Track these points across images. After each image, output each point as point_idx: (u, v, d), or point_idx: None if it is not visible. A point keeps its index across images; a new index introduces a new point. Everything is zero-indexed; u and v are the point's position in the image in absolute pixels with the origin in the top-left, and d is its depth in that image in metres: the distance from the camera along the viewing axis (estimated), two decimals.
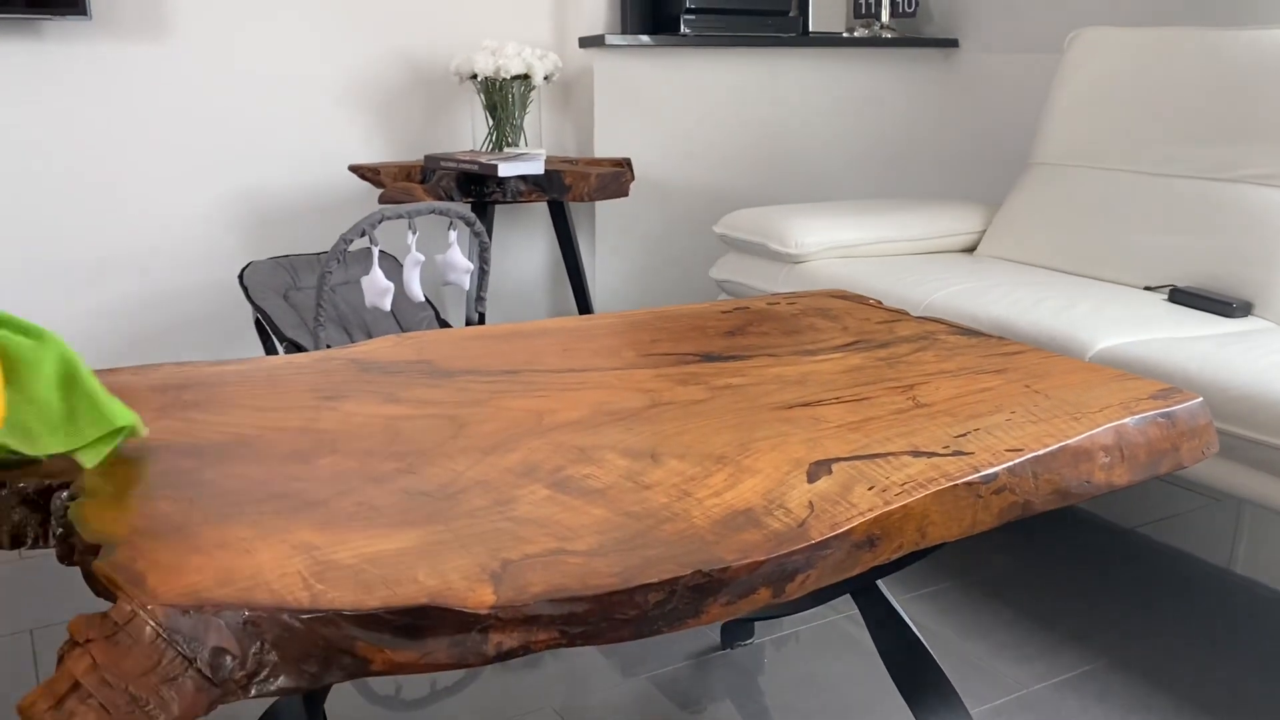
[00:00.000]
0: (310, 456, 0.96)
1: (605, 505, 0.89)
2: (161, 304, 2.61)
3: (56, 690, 0.69)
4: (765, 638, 1.71)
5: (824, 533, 0.85)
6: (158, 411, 1.07)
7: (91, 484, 0.88)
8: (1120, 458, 1.10)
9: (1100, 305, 1.95)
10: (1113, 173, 2.35)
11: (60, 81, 2.43)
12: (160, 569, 0.75)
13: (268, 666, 0.70)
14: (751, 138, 3.14)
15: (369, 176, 2.59)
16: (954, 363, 1.31)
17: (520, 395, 1.16)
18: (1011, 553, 2.02)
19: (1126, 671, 1.62)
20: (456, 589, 0.73)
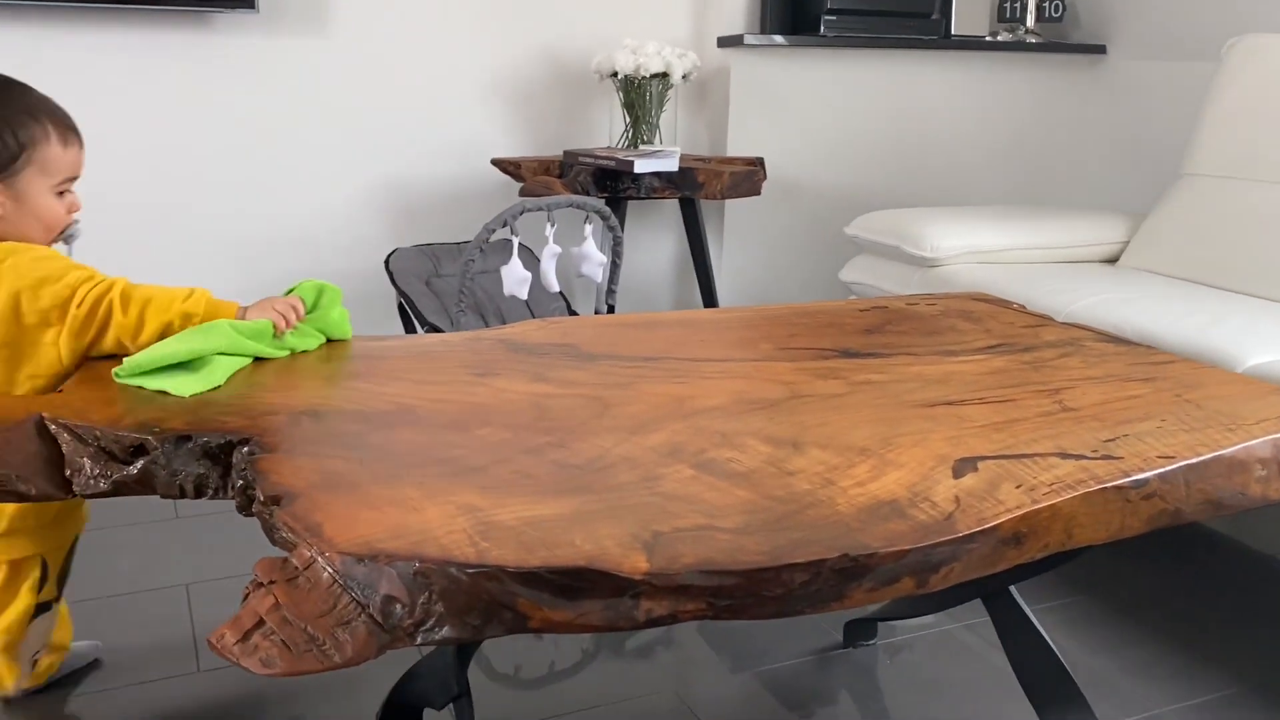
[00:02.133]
0: (468, 426, 1.01)
1: (749, 488, 0.91)
2: None
3: (243, 625, 0.74)
4: (884, 640, 1.70)
5: (970, 527, 0.85)
6: (325, 379, 1.13)
7: (269, 440, 0.94)
8: (1277, 471, 1.06)
9: (1252, 321, 1.88)
10: (1268, 185, 2.26)
11: (228, 72, 2.57)
12: (336, 520, 0.80)
13: (434, 616, 0.74)
14: (886, 141, 3.11)
15: (509, 170, 2.66)
16: (1101, 370, 1.28)
17: (661, 381, 1.19)
18: (1144, 572, 1.96)
19: (1263, 699, 1.56)
20: (612, 554, 0.76)
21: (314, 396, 1.07)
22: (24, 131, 1.25)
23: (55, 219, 1.30)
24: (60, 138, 1.28)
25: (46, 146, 1.26)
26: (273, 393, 1.08)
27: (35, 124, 1.26)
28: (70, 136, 1.29)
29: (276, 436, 0.95)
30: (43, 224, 1.29)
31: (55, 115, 1.29)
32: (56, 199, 1.29)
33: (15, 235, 1.26)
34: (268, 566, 0.77)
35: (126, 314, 1.17)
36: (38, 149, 1.26)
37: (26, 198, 1.26)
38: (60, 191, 1.30)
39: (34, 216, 1.27)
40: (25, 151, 1.25)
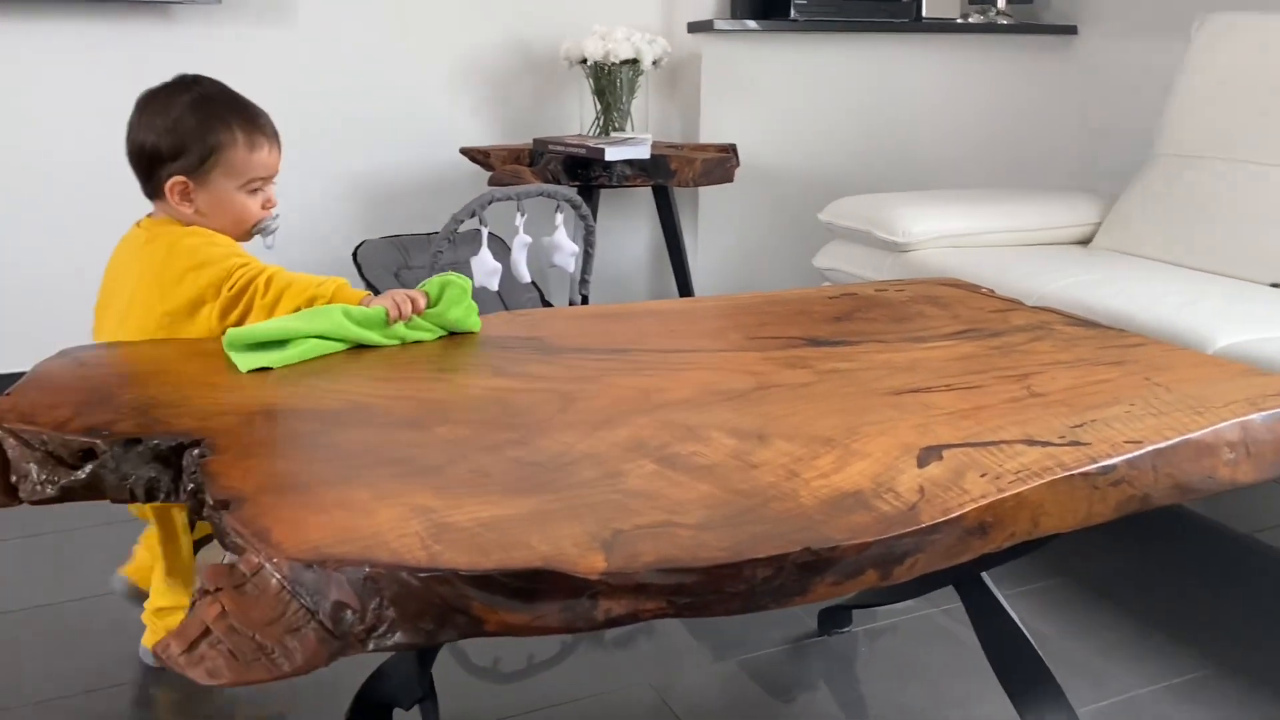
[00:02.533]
0: (425, 424, 0.99)
1: (713, 482, 0.89)
2: None
3: (189, 635, 0.72)
4: (861, 627, 1.70)
5: (935, 517, 0.84)
6: (279, 378, 1.11)
7: (220, 442, 0.92)
8: (1246, 454, 1.06)
9: (1224, 301, 1.87)
10: (1239, 164, 2.26)
11: (190, 65, 2.52)
12: (284, 525, 0.78)
13: (386, 622, 0.72)
14: (859, 125, 3.10)
15: (479, 159, 2.63)
16: (1070, 354, 1.27)
17: (628, 373, 1.17)
18: (1120, 554, 1.96)
19: (1239, 679, 1.57)
20: (569, 555, 0.75)
21: (268, 396, 1.05)
22: (213, 136, 1.35)
23: (245, 215, 1.41)
24: (247, 141, 1.38)
25: (233, 150, 1.36)
26: (225, 393, 1.05)
27: (224, 129, 1.36)
28: (258, 139, 1.39)
29: (227, 438, 0.93)
30: (233, 219, 1.40)
31: (244, 117, 1.39)
32: (247, 197, 1.40)
33: (209, 228, 1.38)
34: (214, 573, 0.75)
35: (265, 297, 1.30)
36: (225, 152, 1.36)
37: (217, 196, 1.37)
38: (252, 190, 1.40)
39: (225, 213, 1.39)
40: (214, 155, 1.35)
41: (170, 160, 1.35)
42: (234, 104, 1.40)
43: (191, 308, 1.33)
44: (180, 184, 1.36)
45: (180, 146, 1.35)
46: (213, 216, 1.38)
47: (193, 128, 1.35)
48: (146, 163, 1.38)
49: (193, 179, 1.36)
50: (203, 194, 1.37)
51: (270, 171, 1.42)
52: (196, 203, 1.37)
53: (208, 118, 1.36)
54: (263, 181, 1.41)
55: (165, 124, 1.36)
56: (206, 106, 1.37)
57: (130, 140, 1.39)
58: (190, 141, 1.35)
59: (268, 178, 1.42)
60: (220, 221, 1.39)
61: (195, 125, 1.35)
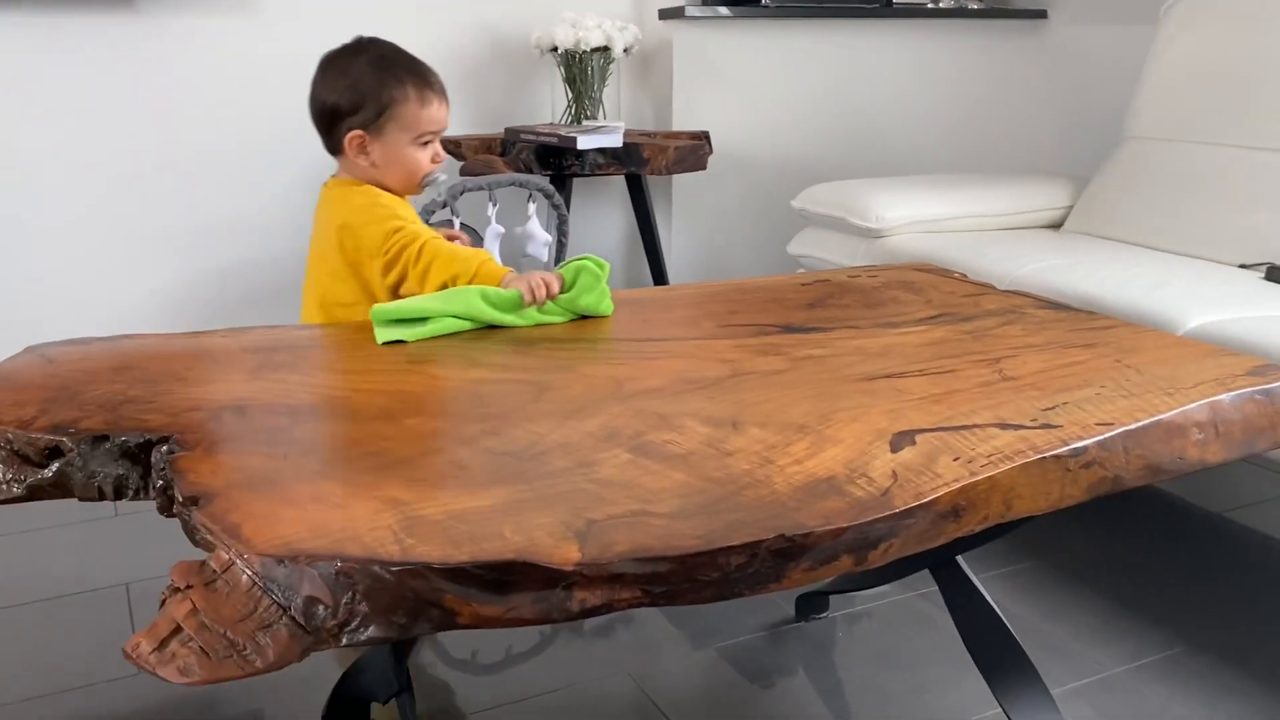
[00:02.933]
0: (397, 417, 0.98)
1: (687, 470, 0.89)
2: (249, 271, 2.68)
3: (159, 633, 0.71)
4: (839, 612, 1.70)
5: (908, 502, 0.84)
6: (250, 372, 1.10)
7: (189, 438, 0.91)
8: (1215, 434, 1.07)
9: (1193, 283, 1.89)
10: (1208, 147, 2.28)
11: (151, 53, 2.49)
12: (255, 520, 0.77)
13: (359, 616, 0.72)
14: (832, 112, 3.10)
15: (450, 149, 2.61)
16: (1042, 337, 1.28)
17: (601, 362, 1.17)
18: (1094, 535, 1.98)
19: (1213, 656, 1.58)
20: (542, 546, 0.74)
21: (238, 390, 1.04)
22: (388, 92, 1.44)
23: (416, 167, 1.48)
24: (419, 97, 1.46)
25: (406, 105, 1.45)
26: (195, 387, 1.04)
27: (397, 84, 1.45)
28: (429, 95, 1.47)
29: (197, 433, 0.92)
30: (404, 172, 1.48)
31: (417, 75, 1.47)
32: (418, 150, 1.48)
33: (380, 180, 1.48)
34: (185, 570, 0.74)
35: (418, 265, 1.37)
36: (398, 106, 1.44)
37: (391, 149, 1.46)
38: (423, 143, 1.48)
39: (397, 165, 1.47)
40: (389, 109, 1.44)
41: (349, 115, 1.45)
42: (407, 63, 1.48)
43: (354, 264, 1.45)
44: (358, 137, 1.45)
45: (359, 102, 1.44)
46: (386, 168, 1.47)
47: (370, 84, 1.44)
48: (328, 119, 1.47)
49: (369, 132, 1.45)
50: (378, 146, 1.46)
51: (439, 126, 1.50)
52: (372, 155, 1.46)
53: (384, 75, 1.45)
54: (432, 135, 1.49)
55: (346, 82, 1.45)
56: (383, 65, 1.46)
57: (313, 99, 1.49)
58: (368, 97, 1.44)
59: (436, 132, 1.49)
60: (393, 173, 1.48)
61: (373, 82, 1.44)
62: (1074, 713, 1.45)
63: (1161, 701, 1.48)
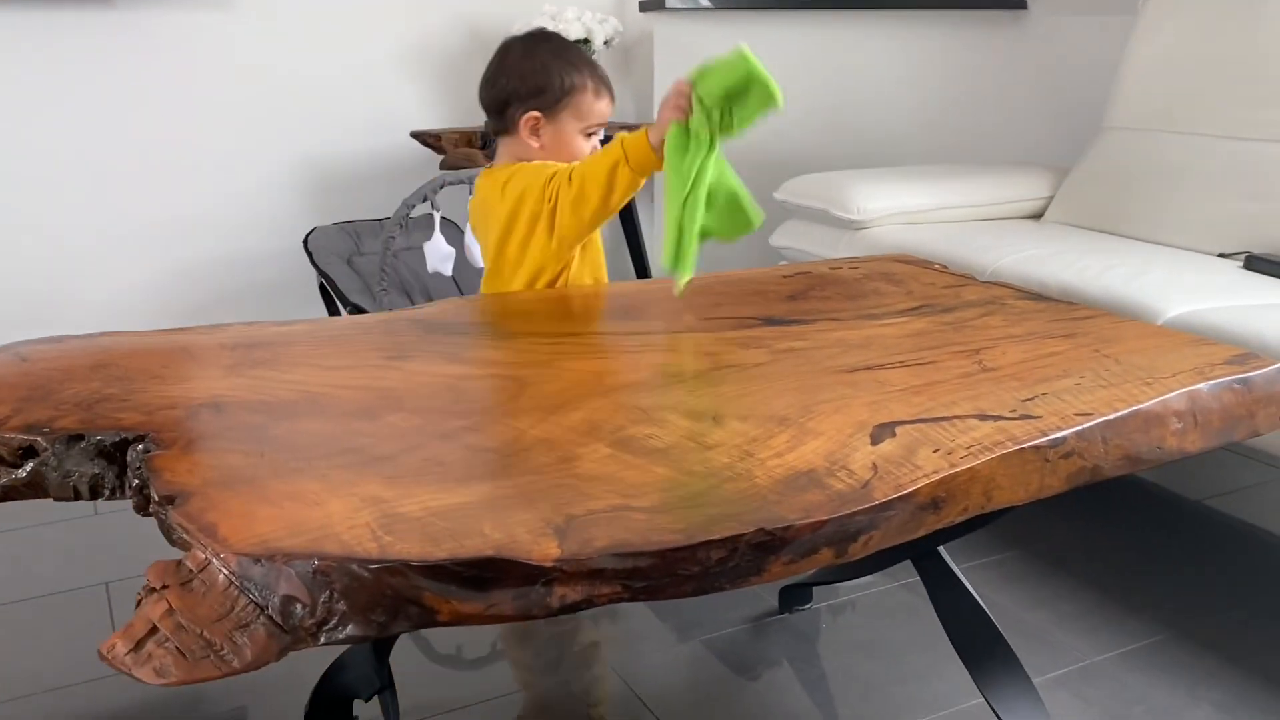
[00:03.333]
0: (377, 413, 0.98)
1: (667, 464, 0.89)
2: (229, 268, 2.66)
3: (135, 634, 0.71)
4: (823, 604, 1.71)
5: (887, 494, 0.84)
6: (227, 369, 1.09)
7: (165, 436, 0.90)
8: (1193, 423, 1.07)
9: (1172, 272, 1.90)
10: (1188, 137, 2.29)
11: (129, 48, 2.47)
12: (232, 519, 0.76)
13: (337, 615, 0.71)
14: (813, 103, 3.10)
15: (430, 143, 2.60)
16: (1021, 327, 1.28)
17: (582, 356, 1.16)
18: (1076, 524, 1.99)
19: (1193, 644, 1.60)
20: (522, 542, 0.74)
21: (215, 387, 1.03)
22: (568, 79, 1.50)
23: (578, 155, 1.54)
24: (594, 89, 1.52)
25: (583, 94, 1.51)
26: (172, 385, 1.03)
27: (577, 73, 1.51)
28: (603, 89, 1.54)
29: (173, 432, 0.91)
30: (567, 157, 1.53)
31: (593, 68, 1.54)
32: (583, 139, 1.54)
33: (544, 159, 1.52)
34: (160, 570, 0.73)
35: (570, 186, 1.41)
36: (576, 95, 1.51)
37: (561, 134, 1.52)
38: (589, 133, 1.55)
39: (563, 150, 1.53)
40: (567, 96, 1.51)
41: (528, 98, 1.51)
42: (584, 57, 1.55)
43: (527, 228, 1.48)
44: (533, 119, 1.51)
45: (540, 86, 1.51)
46: (552, 152, 1.53)
47: (554, 71, 1.51)
48: (503, 101, 1.53)
49: (545, 115, 1.51)
50: (549, 130, 1.52)
51: (604, 119, 1.56)
52: (542, 137, 1.52)
53: (567, 64, 1.52)
54: (598, 127, 1.55)
55: (530, 67, 1.51)
56: (565, 55, 1.53)
57: (490, 81, 1.55)
58: (550, 82, 1.51)
59: (601, 125, 1.56)
60: (556, 157, 1.53)
61: (557, 69, 1.51)
62: (1056, 701, 1.46)
63: (1143, 689, 1.49)
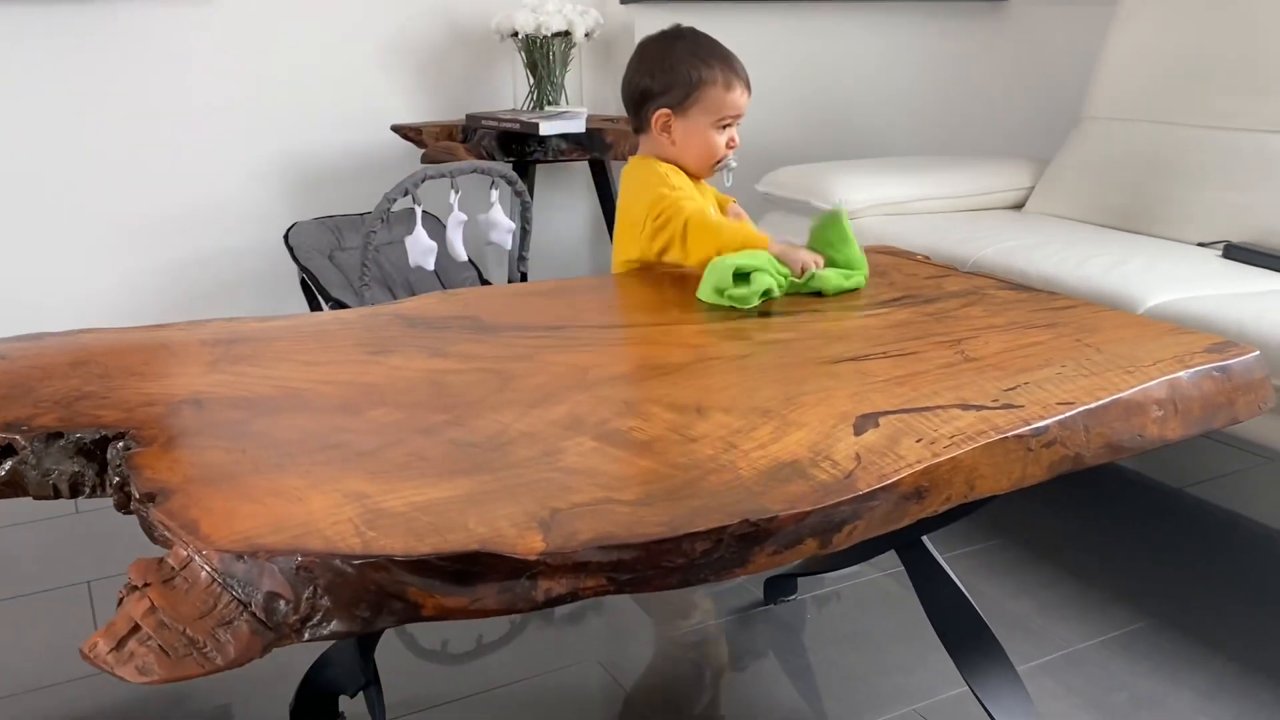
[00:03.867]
0: (359, 409, 0.97)
1: (652, 457, 0.89)
2: (209, 264, 2.64)
3: (117, 632, 0.70)
4: (808, 594, 1.71)
5: (871, 484, 0.85)
6: (208, 365, 1.08)
7: (146, 434, 0.90)
8: (1174, 411, 1.08)
9: (1152, 262, 1.91)
10: (1167, 126, 2.30)
11: (107, 42, 2.45)
12: (214, 516, 0.76)
13: (321, 611, 0.71)
14: (795, 95, 3.10)
15: (411, 136, 2.59)
16: (1003, 318, 1.29)
17: (565, 350, 1.16)
18: (1059, 512, 2.00)
19: (1175, 631, 1.61)
20: (506, 536, 0.74)
21: (195, 384, 1.03)
22: (696, 74, 1.53)
23: (712, 150, 1.56)
24: (725, 82, 1.53)
25: (714, 88, 1.53)
26: (152, 382, 1.03)
27: (706, 67, 1.53)
28: (734, 82, 1.54)
29: (154, 429, 0.91)
30: (702, 153, 1.56)
31: (725, 60, 1.55)
32: (716, 133, 1.55)
33: (678, 159, 1.56)
34: (142, 568, 0.73)
35: (683, 238, 1.45)
36: (705, 89, 1.53)
37: (692, 129, 1.54)
38: (722, 127, 1.55)
39: (696, 145, 1.55)
40: (696, 91, 1.53)
41: (659, 95, 1.54)
42: (716, 50, 1.56)
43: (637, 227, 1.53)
44: (664, 116, 1.54)
45: (670, 83, 1.54)
46: (685, 147, 1.56)
47: (683, 68, 1.53)
48: (639, 99, 1.57)
49: (675, 112, 1.54)
50: (680, 126, 1.54)
51: (738, 111, 1.56)
52: (674, 133, 1.55)
53: (695, 60, 1.54)
54: (731, 119, 1.56)
55: (660, 64, 1.55)
56: (695, 50, 1.55)
57: (627, 81, 1.59)
58: (678, 79, 1.53)
59: (736, 116, 1.56)
60: (690, 152, 1.56)
61: (685, 66, 1.53)
62: (1039, 688, 1.47)
63: (1125, 676, 1.50)
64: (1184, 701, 1.44)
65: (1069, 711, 1.42)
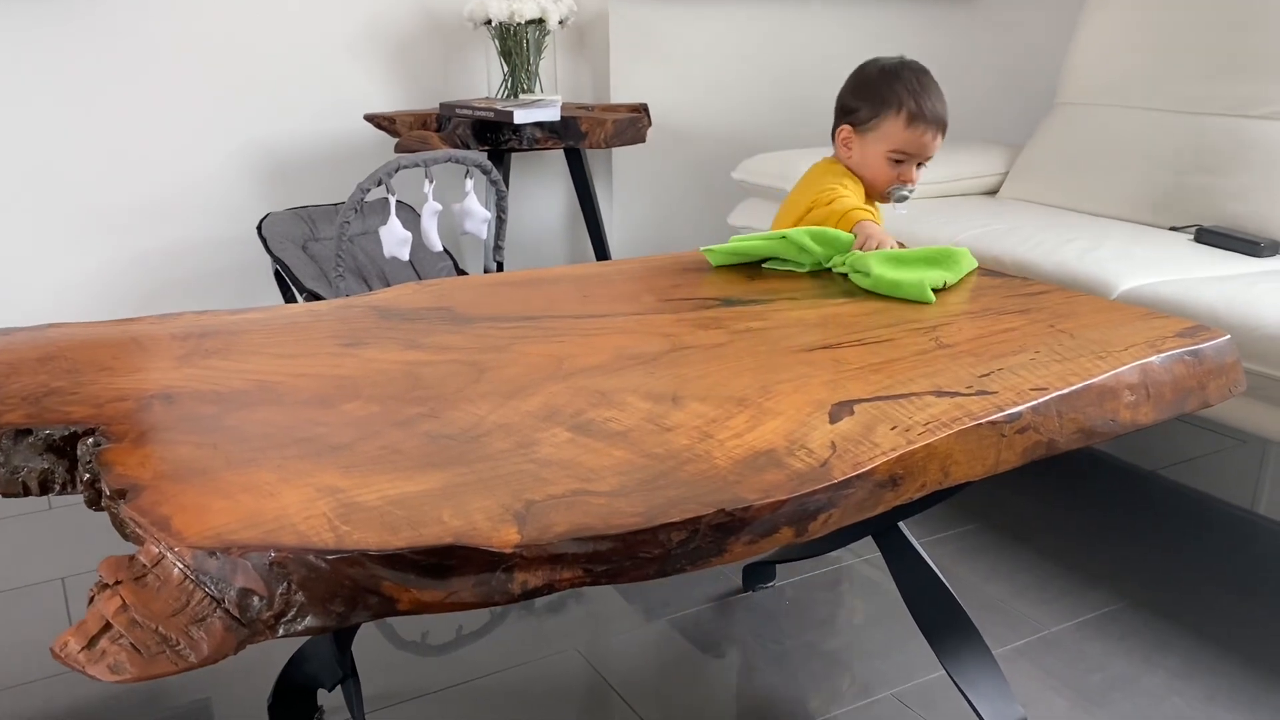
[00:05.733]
0: (333, 402, 0.97)
1: (627, 447, 0.89)
2: (181, 256, 2.62)
3: (88, 631, 0.70)
4: (786, 581, 1.72)
5: (846, 472, 0.85)
6: (179, 359, 1.07)
7: (116, 429, 0.89)
8: (1146, 396, 1.09)
9: (1125, 246, 1.92)
10: (1139, 111, 2.31)
11: (76, 32, 2.42)
12: (186, 512, 0.75)
13: (295, 606, 0.70)
14: (770, 81, 3.10)
15: (384, 125, 2.57)
16: (977, 304, 1.29)
17: (540, 340, 1.16)
18: (1033, 496, 2.02)
19: (1149, 612, 1.63)
20: (481, 529, 0.74)
21: (166, 378, 1.02)
22: (881, 104, 1.63)
23: (881, 177, 1.67)
24: (909, 118, 1.61)
25: (893, 122, 1.62)
26: (122, 377, 1.01)
27: (894, 101, 1.62)
28: (919, 124, 1.62)
29: (124, 424, 0.90)
30: (871, 175, 1.67)
31: (919, 99, 1.62)
32: (890, 164, 1.65)
33: (855, 174, 1.68)
34: (113, 566, 0.72)
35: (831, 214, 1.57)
36: (886, 121, 1.63)
37: (866, 152, 1.66)
38: (895, 160, 1.64)
39: (866, 168, 1.67)
40: (877, 118, 1.63)
41: (851, 112, 1.67)
42: (915, 87, 1.63)
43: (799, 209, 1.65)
44: (846, 132, 1.68)
45: (856, 105, 1.66)
46: (858, 167, 1.68)
47: (874, 94, 1.63)
48: (838, 110, 1.70)
49: (856, 131, 1.66)
50: (858, 146, 1.67)
51: (916, 151, 1.64)
52: (853, 151, 1.68)
53: (887, 90, 1.63)
54: (907, 157, 1.64)
55: (864, 85, 1.66)
56: (891, 81, 1.63)
57: (841, 90, 1.71)
58: (868, 102, 1.64)
59: (912, 155, 1.65)
60: (864, 173, 1.67)
61: (876, 92, 1.63)
62: (1016, 671, 1.48)
63: (1100, 658, 1.51)
64: (1158, 681, 1.46)
65: (1044, 694, 1.44)
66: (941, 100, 1.65)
